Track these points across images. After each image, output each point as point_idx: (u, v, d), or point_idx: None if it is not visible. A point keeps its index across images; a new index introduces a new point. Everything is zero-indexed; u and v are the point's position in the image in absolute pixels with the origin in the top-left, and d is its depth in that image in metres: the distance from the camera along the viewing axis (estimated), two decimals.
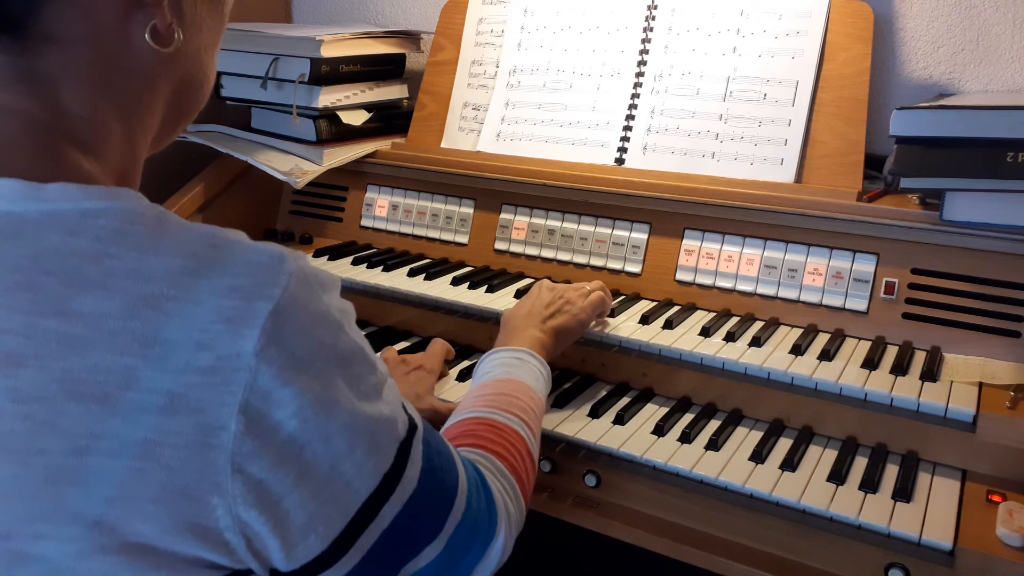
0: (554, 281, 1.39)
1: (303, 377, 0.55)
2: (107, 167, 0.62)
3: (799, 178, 1.30)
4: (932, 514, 0.92)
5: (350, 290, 1.44)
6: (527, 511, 0.85)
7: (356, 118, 1.65)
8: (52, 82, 0.59)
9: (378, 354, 1.25)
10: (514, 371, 0.99)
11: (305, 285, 0.57)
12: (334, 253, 1.54)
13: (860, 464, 1.01)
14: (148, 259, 0.54)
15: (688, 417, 1.12)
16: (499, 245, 1.49)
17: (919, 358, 1.12)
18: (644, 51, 1.44)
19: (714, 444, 1.05)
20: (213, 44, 0.70)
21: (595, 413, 1.12)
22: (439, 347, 1.25)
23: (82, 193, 0.55)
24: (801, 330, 1.22)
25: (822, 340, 1.18)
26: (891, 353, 1.13)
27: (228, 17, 0.72)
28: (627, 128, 1.43)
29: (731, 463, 1.02)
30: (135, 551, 0.51)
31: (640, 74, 1.44)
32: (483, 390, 0.96)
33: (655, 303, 1.32)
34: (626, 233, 1.38)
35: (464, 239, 1.53)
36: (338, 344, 0.59)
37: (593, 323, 1.20)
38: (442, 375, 1.22)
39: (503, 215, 1.49)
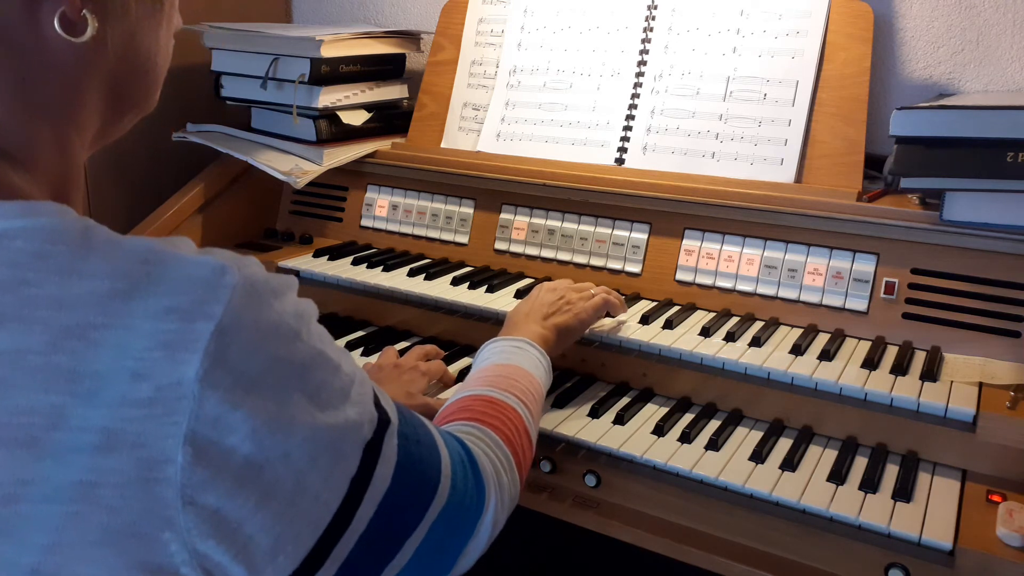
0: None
1: (254, 397, 0.51)
2: (39, 176, 0.58)
3: (799, 178, 1.30)
4: (932, 514, 0.92)
5: (350, 290, 1.44)
6: (522, 488, 0.85)
7: (356, 118, 1.65)
8: None
9: (378, 354, 1.25)
10: (513, 358, 0.99)
11: (252, 296, 0.52)
12: (334, 253, 1.54)
13: (860, 464, 1.01)
14: (71, 284, 0.49)
15: (688, 417, 1.12)
16: (499, 245, 1.49)
17: (919, 358, 1.12)
18: (644, 51, 1.44)
19: (714, 444, 1.05)
20: (153, 24, 0.64)
21: (595, 413, 1.12)
22: (439, 365, 1.22)
23: None
24: (801, 330, 1.22)
25: (822, 340, 1.18)
26: (891, 353, 1.13)
27: None
28: (627, 128, 1.43)
29: (731, 463, 1.02)
30: None
31: (640, 74, 1.44)
32: (481, 373, 0.95)
33: (655, 303, 1.32)
34: (626, 233, 1.38)
35: (464, 239, 1.53)
36: (294, 355, 0.55)
37: (601, 323, 1.20)
38: (446, 383, 1.22)
39: (503, 215, 1.49)
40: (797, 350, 1.13)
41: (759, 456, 1.02)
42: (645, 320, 1.23)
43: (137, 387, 0.48)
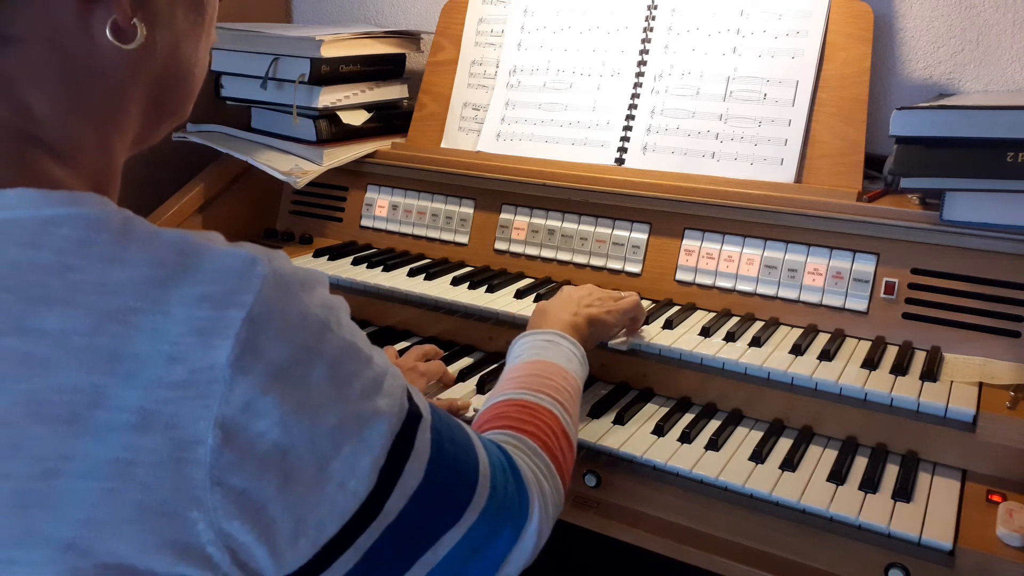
0: (555, 281, 1.40)
1: (283, 384, 0.53)
2: (80, 173, 0.60)
3: (799, 178, 1.30)
4: (932, 514, 0.92)
5: (350, 290, 1.44)
6: (566, 492, 0.83)
7: (356, 118, 1.65)
8: (15, 85, 0.57)
9: None
10: (545, 353, 0.97)
11: (281, 287, 0.54)
12: (334, 253, 1.54)
13: (860, 464, 1.01)
14: (113, 270, 0.51)
15: (688, 417, 1.12)
16: (499, 245, 1.49)
17: (919, 358, 1.12)
18: (644, 51, 1.44)
19: (714, 444, 1.05)
20: (195, 36, 0.67)
21: (595, 413, 1.12)
22: (438, 365, 1.22)
23: (43, 199, 0.53)
24: (801, 330, 1.22)
25: (822, 340, 1.18)
26: (891, 353, 1.13)
27: (214, 7, 0.69)
28: (627, 128, 1.43)
29: (731, 463, 1.02)
30: (112, 572, 0.49)
31: (640, 74, 1.44)
32: (514, 373, 0.94)
33: (655, 303, 1.32)
34: (626, 233, 1.38)
35: (464, 239, 1.53)
36: (323, 345, 0.57)
37: (624, 334, 1.17)
38: (446, 383, 1.22)
39: (503, 215, 1.49)
40: (797, 350, 1.13)
41: (759, 456, 1.02)
42: (645, 320, 1.22)
43: (172, 370, 0.50)
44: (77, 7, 0.57)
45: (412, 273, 1.43)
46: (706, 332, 1.19)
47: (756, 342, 1.16)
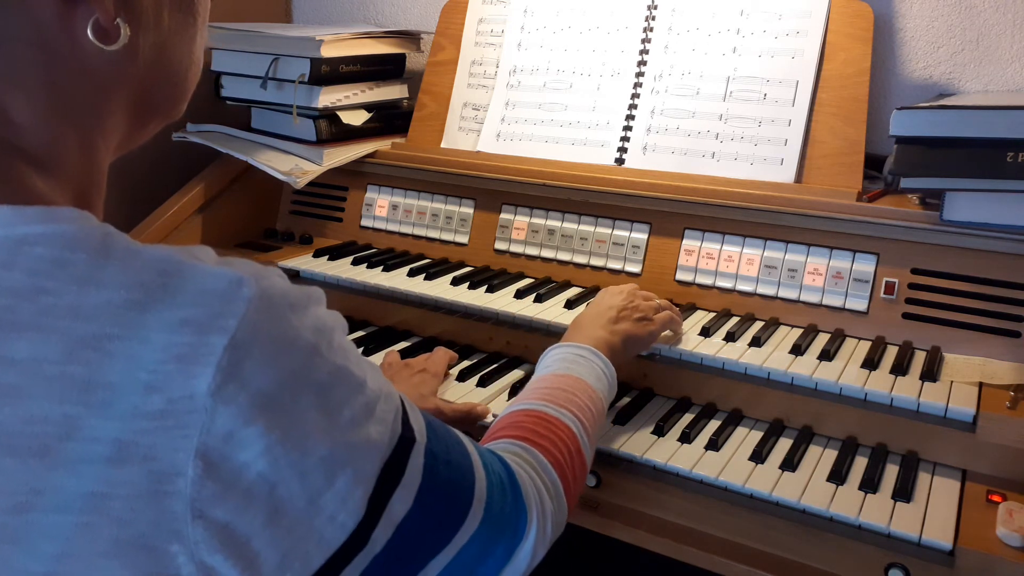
0: (554, 281, 1.40)
1: (269, 414, 0.50)
2: (63, 182, 0.57)
3: (799, 178, 1.30)
4: (932, 514, 0.92)
5: (350, 290, 1.44)
6: (571, 513, 0.81)
7: (356, 118, 1.65)
8: None
9: (380, 355, 1.25)
10: (574, 368, 0.95)
11: (269, 309, 0.52)
12: (334, 253, 1.54)
13: (860, 464, 1.01)
14: (88, 293, 0.49)
15: (688, 417, 1.12)
16: (499, 245, 1.49)
17: (919, 358, 1.12)
18: (644, 51, 1.44)
19: (714, 444, 1.05)
20: (187, 37, 0.64)
21: None
22: (443, 353, 1.23)
23: (17, 217, 0.50)
24: (801, 330, 1.22)
25: (822, 340, 1.18)
26: (891, 353, 1.13)
27: (206, 6, 0.66)
28: (627, 128, 1.43)
29: (731, 463, 1.02)
30: None
31: (640, 74, 1.44)
32: (540, 383, 0.92)
33: None
34: (626, 233, 1.38)
35: (464, 239, 1.53)
36: (312, 371, 0.54)
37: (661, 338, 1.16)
38: (444, 377, 1.22)
39: (503, 215, 1.49)
40: (797, 350, 1.13)
41: (759, 456, 1.02)
42: None
43: (149, 399, 0.48)
44: (58, 7, 0.55)
45: (412, 273, 1.43)
46: (706, 332, 1.19)
47: (756, 342, 1.16)
